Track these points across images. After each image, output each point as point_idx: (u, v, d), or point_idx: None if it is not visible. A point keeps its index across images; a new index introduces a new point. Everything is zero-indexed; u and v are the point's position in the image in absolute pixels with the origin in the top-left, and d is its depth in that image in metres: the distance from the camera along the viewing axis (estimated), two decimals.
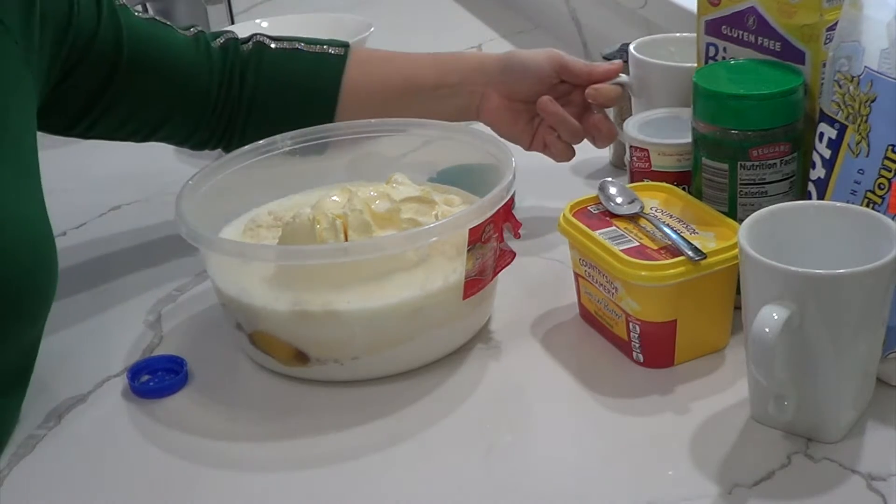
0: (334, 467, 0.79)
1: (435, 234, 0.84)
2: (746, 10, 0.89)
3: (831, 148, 0.82)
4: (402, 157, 1.04)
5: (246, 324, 0.88)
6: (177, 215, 0.88)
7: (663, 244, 0.84)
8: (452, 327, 0.88)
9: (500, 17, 1.70)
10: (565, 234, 0.89)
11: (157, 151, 1.32)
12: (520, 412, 0.85)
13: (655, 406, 0.82)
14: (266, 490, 0.78)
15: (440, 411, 0.83)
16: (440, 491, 0.76)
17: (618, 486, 0.75)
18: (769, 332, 0.70)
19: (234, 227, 0.97)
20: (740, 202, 0.88)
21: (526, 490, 0.76)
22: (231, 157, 0.98)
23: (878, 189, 0.78)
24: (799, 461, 0.75)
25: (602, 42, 1.31)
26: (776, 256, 0.72)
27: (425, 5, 1.81)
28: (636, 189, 0.92)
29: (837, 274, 0.71)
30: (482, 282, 0.87)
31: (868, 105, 0.79)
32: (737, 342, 0.86)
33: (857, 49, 0.80)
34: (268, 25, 1.45)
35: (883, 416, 0.78)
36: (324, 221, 0.87)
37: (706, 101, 0.88)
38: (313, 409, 0.85)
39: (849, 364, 0.74)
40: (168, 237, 0.68)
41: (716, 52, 0.94)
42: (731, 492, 0.73)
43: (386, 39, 1.42)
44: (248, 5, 1.82)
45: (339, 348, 0.86)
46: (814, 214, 0.78)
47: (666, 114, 0.99)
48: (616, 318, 0.86)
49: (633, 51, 1.07)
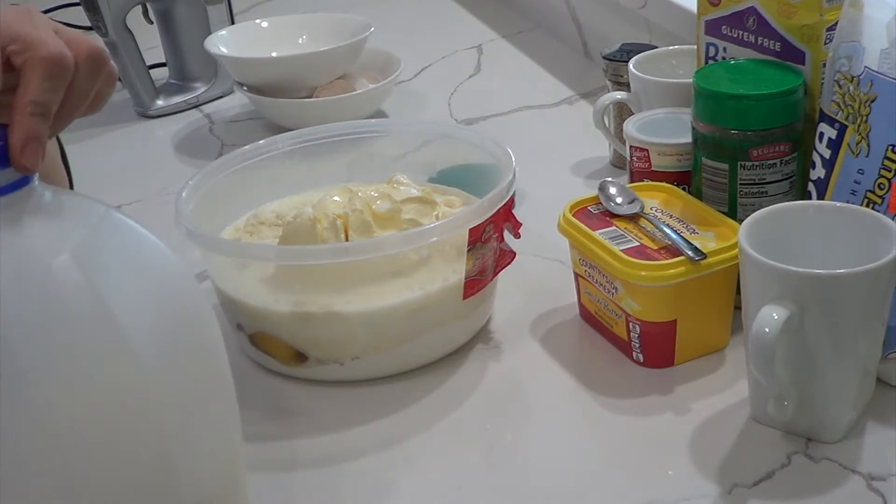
0: (334, 467, 0.79)
1: (435, 234, 0.84)
2: (746, 10, 0.89)
3: (831, 148, 0.82)
4: (402, 157, 1.04)
5: (247, 324, 0.88)
6: (177, 215, 0.88)
7: (663, 244, 0.84)
8: (452, 327, 0.88)
9: (500, 17, 1.70)
10: (565, 234, 0.89)
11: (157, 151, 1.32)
12: (520, 412, 0.85)
13: (655, 406, 0.82)
14: (266, 490, 0.78)
15: (440, 411, 0.84)
16: (440, 491, 0.76)
17: (618, 486, 0.75)
18: (769, 332, 0.70)
19: (234, 227, 0.97)
20: (740, 202, 0.88)
21: (526, 490, 0.76)
22: (231, 157, 0.98)
23: (878, 189, 0.78)
24: (799, 461, 0.75)
25: (602, 42, 1.31)
26: (776, 256, 0.72)
27: (425, 5, 1.81)
28: (636, 189, 0.92)
29: (837, 274, 0.71)
30: (482, 282, 0.87)
31: (868, 105, 0.79)
32: (737, 342, 0.86)
33: (857, 49, 0.80)
34: (268, 25, 1.45)
35: (883, 416, 0.78)
36: (325, 221, 0.87)
37: (706, 100, 0.88)
38: (313, 409, 0.85)
39: (849, 364, 0.74)
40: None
41: (716, 52, 0.94)
42: (731, 492, 0.73)
43: (386, 39, 1.43)
44: (248, 5, 1.82)
45: (339, 349, 0.86)
46: (814, 214, 0.78)
47: (666, 114, 0.99)
48: (616, 318, 0.86)
49: (632, 68, 1.07)
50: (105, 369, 0.56)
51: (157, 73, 1.48)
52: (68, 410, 0.55)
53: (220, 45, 1.38)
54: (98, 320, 0.56)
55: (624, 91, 1.11)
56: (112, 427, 0.56)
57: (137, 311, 0.57)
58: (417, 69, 1.51)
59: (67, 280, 0.56)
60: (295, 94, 1.33)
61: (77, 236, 0.57)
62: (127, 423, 0.57)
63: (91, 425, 0.56)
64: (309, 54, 1.36)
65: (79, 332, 0.56)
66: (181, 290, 0.63)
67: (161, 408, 0.58)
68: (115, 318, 0.56)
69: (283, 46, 1.41)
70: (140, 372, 0.57)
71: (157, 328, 0.58)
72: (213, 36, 1.40)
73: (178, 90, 1.46)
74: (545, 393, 0.85)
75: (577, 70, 1.47)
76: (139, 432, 0.57)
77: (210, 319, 0.63)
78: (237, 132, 1.37)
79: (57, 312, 0.55)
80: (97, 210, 0.61)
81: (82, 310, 0.56)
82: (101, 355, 0.56)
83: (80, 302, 0.56)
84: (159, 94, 1.45)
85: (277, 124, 1.32)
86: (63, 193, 0.60)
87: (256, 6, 1.83)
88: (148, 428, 0.58)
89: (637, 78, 1.06)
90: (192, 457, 0.60)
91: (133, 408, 0.57)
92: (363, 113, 1.30)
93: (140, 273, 0.60)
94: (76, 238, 0.57)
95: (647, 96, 1.06)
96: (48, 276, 0.56)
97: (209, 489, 0.62)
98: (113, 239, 0.61)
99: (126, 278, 0.59)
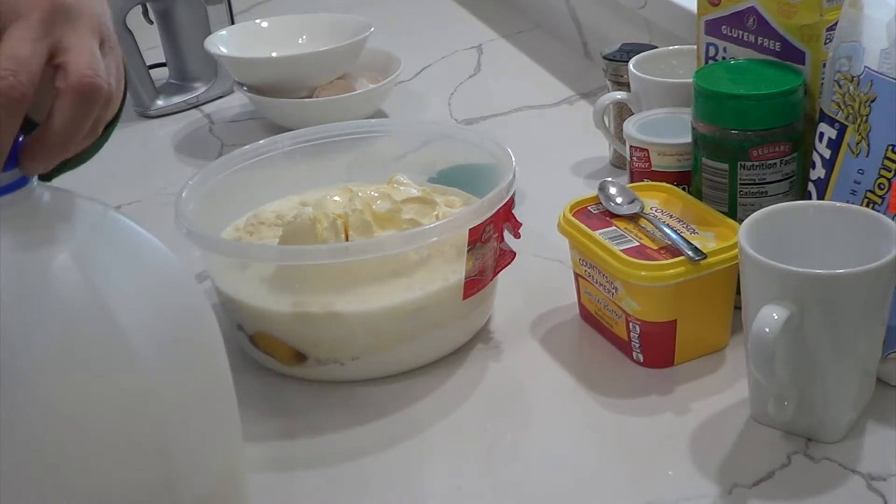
0: (334, 467, 0.79)
1: (435, 234, 0.84)
2: (746, 10, 0.89)
3: (831, 148, 0.82)
4: (402, 157, 1.04)
5: (247, 325, 0.88)
6: (177, 215, 0.88)
7: (663, 244, 0.84)
8: (452, 327, 0.88)
9: (500, 17, 1.70)
10: (565, 234, 0.89)
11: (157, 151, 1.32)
12: (520, 412, 0.85)
13: (655, 406, 0.82)
14: (266, 490, 0.77)
15: (440, 411, 0.83)
16: (440, 491, 0.76)
17: (618, 486, 0.75)
18: (769, 332, 0.70)
19: (234, 227, 0.97)
20: (740, 202, 0.88)
21: (526, 490, 0.76)
22: (231, 157, 0.98)
23: (878, 189, 0.78)
24: (799, 461, 0.75)
25: (602, 42, 1.31)
26: (776, 256, 0.72)
27: (425, 5, 1.81)
28: (636, 189, 0.92)
29: (837, 274, 0.71)
30: (482, 282, 0.87)
31: (868, 105, 0.79)
32: (737, 342, 0.86)
33: (857, 49, 0.80)
34: (268, 25, 1.45)
35: (883, 416, 0.78)
36: (325, 221, 0.87)
37: (706, 101, 0.88)
38: (313, 409, 0.85)
39: (849, 364, 0.74)
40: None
41: (716, 52, 0.94)
42: (731, 492, 0.73)
43: (386, 39, 1.43)
44: (249, 5, 1.82)
45: (339, 349, 0.86)
46: (814, 214, 0.78)
47: (666, 114, 0.99)
48: (616, 318, 0.86)
49: (632, 68, 1.07)
50: (105, 369, 0.56)
51: (157, 73, 1.48)
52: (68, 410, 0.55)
53: (220, 45, 1.38)
54: (98, 320, 0.56)
55: (624, 91, 1.11)
56: (112, 427, 0.56)
57: (137, 311, 0.58)
58: (417, 69, 1.51)
59: (67, 280, 0.56)
60: (295, 94, 1.33)
61: (77, 236, 0.57)
62: (126, 423, 0.57)
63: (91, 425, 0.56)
64: (309, 54, 1.36)
65: (78, 332, 0.56)
66: (181, 290, 0.63)
67: (160, 408, 0.58)
68: (114, 318, 0.56)
69: (283, 46, 1.41)
70: (139, 372, 0.57)
71: (157, 328, 0.58)
72: (213, 36, 1.40)
73: (178, 90, 1.46)
74: (545, 393, 0.85)
75: (577, 70, 1.47)
76: (139, 432, 0.57)
77: (210, 319, 0.63)
78: (237, 132, 1.37)
79: (57, 312, 0.56)
80: (97, 210, 0.61)
81: (82, 310, 0.56)
82: (100, 355, 0.56)
83: (79, 302, 0.56)
84: (159, 94, 1.45)
85: (277, 124, 1.32)
86: (62, 193, 0.60)
87: (256, 6, 1.83)
88: (147, 428, 0.58)
89: (637, 78, 1.06)
90: (192, 456, 0.60)
91: (133, 408, 0.57)
92: (363, 113, 1.30)
93: (140, 273, 0.60)
94: (76, 238, 0.57)
95: (647, 96, 1.06)
96: (48, 276, 0.56)
97: (209, 488, 0.62)
98: (113, 239, 0.61)
99: (126, 278, 0.59)
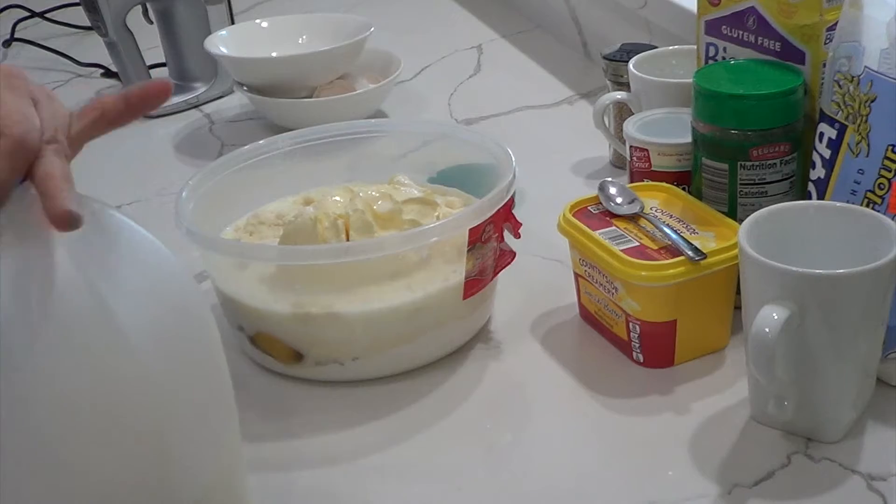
0: (334, 467, 0.79)
1: (435, 234, 0.84)
2: (746, 10, 0.89)
3: (831, 148, 0.82)
4: (402, 157, 1.04)
5: (247, 325, 0.88)
6: (177, 215, 0.88)
7: (663, 244, 0.84)
8: (452, 327, 0.88)
9: (500, 17, 1.70)
10: (565, 234, 0.89)
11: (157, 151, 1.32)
12: (520, 412, 0.85)
13: (655, 406, 0.82)
14: (266, 490, 0.77)
15: (440, 411, 0.83)
16: (440, 491, 0.76)
17: (618, 486, 0.75)
18: (769, 332, 0.70)
19: (234, 227, 0.97)
20: (740, 202, 0.88)
21: (526, 490, 0.76)
22: (231, 157, 0.98)
23: (878, 189, 0.78)
24: (799, 461, 0.75)
25: (602, 42, 1.31)
26: (776, 256, 0.72)
27: (425, 5, 1.80)
28: (636, 189, 0.92)
29: (837, 274, 0.71)
30: (482, 282, 0.87)
31: (868, 105, 0.79)
32: (737, 342, 0.86)
33: (857, 49, 0.80)
34: (268, 25, 1.45)
35: (883, 416, 0.78)
36: (326, 221, 0.87)
37: (706, 100, 0.88)
38: (313, 409, 0.85)
39: (849, 364, 0.74)
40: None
41: (716, 52, 0.94)
42: (731, 492, 0.73)
43: (386, 39, 1.43)
44: (248, 5, 1.82)
45: (339, 349, 0.86)
46: (814, 214, 0.78)
47: (666, 114, 0.99)
48: (616, 318, 0.86)
49: (632, 68, 1.07)
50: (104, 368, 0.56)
51: (157, 73, 1.48)
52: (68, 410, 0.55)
53: (220, 45, 1.38)
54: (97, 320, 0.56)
55: (624, 91, 1.11)
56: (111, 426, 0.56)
57: (136, 311, 0.58)
58: (417, 69, 1.51)
59: (67, 279, 0.56)
60: (295, 94, 1.33)
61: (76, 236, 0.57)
62: (126, 422, 0.57)
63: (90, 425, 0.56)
64: (309, 54, 1.36)
65: (78, 331, 0.56)
66: (181, 289, 0.63)
67: (159, 407, 0.58)
68: (114, 317, 0.56)
69: (283, 46, 1.41)
70: (139, 371, 0.57)
71: (156, 328, 0.58)
72: (213, 36, 1.39)
73: (178, 90, 1.46)
74: (545, 393, 0.85)
75: (577, 70, 1.47)
76: (138, 432, 0.57)
77: (209, 319, 0.63)
78: (237, 132, 1.37)
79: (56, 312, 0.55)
80: (96, 209, 0.61)
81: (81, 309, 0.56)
82: (100, 355, 0.56)
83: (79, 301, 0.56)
84: None
85: (277, 124, 1.32)
86: None
87: (256, 6, 1.83)
88: (146, 427, 0.58)
89: (637, 78, 1.06)
90: (191, 456, 0.60)
91: (132, 407, 0.57)
92: (363, 113, 1.30)
93: (139, 273, 0.60)
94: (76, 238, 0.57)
95: (647, 96, 1.06)
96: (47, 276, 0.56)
97: (208, 488, 0.62)
98: (113, 238, 0.61)
99: (125, 278, 0.59)
